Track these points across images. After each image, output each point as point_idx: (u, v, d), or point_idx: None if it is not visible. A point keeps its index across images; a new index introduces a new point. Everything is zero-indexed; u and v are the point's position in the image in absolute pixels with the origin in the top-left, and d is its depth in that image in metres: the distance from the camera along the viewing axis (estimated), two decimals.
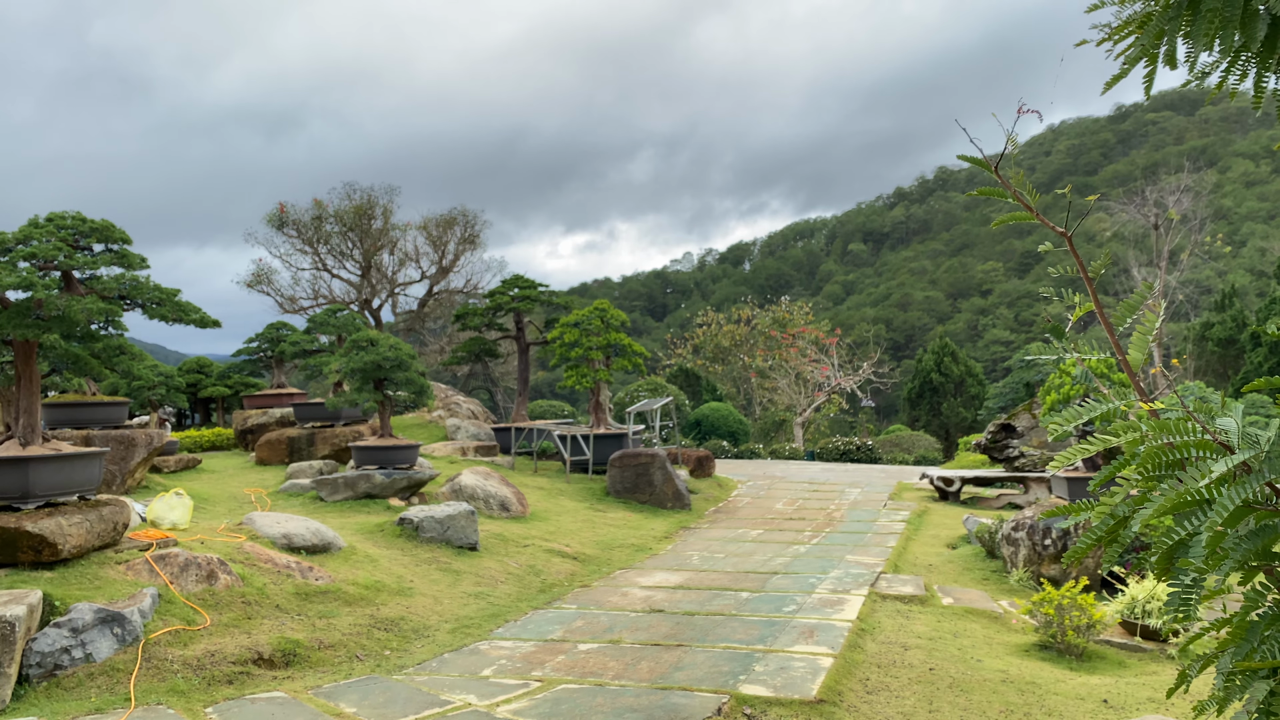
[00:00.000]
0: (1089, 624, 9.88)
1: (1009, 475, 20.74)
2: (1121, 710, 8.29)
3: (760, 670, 8.78)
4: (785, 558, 14.21)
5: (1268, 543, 1.56)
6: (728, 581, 12.47)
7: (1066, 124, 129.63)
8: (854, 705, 8.41)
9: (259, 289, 33.98)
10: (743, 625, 10.35)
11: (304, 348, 22.38)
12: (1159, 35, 2.54)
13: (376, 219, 33.69)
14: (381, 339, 15.67)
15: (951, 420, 42.47)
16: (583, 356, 20.66)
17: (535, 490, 18.81)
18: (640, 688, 8.09)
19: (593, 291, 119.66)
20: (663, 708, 7.55)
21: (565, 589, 12.11)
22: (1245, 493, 1.43)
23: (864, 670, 9.29)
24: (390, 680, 8.07)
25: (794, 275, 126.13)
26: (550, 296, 24.87)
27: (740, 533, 16.64)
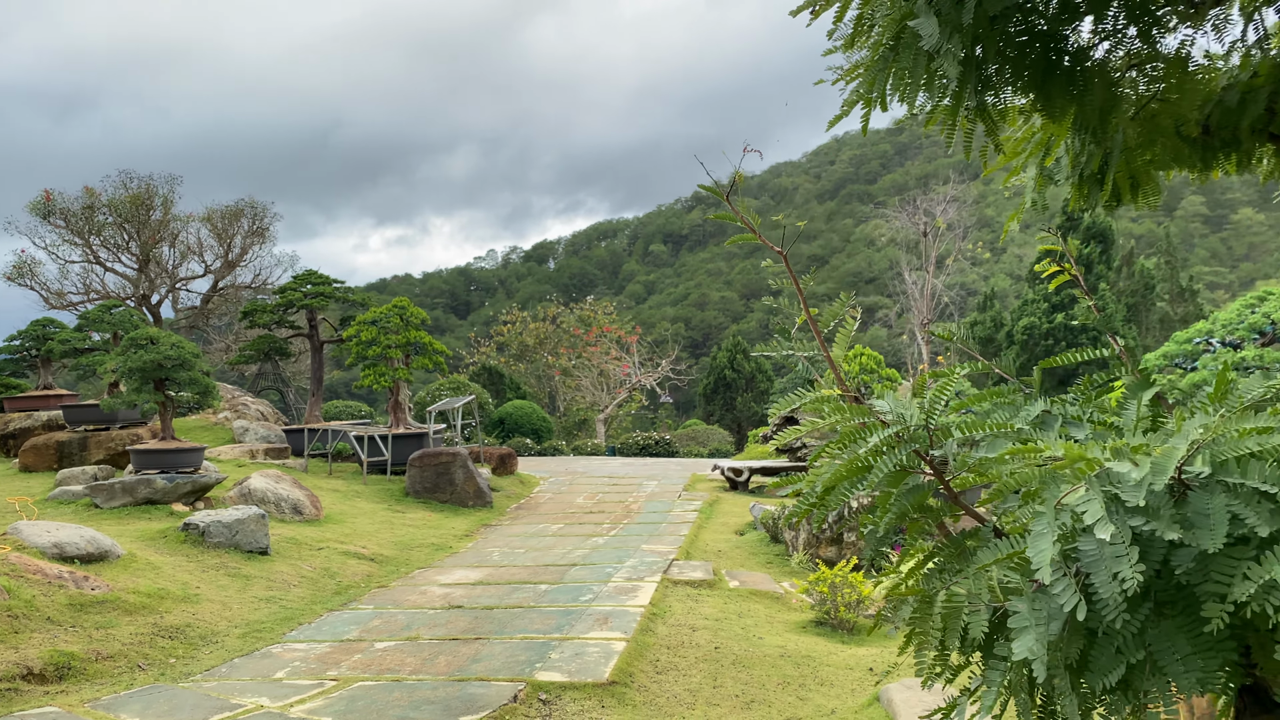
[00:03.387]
0: (858, 600, 10.79)
1: (792, 465, 22.04)
2: (884, 675, 9.12)
3: (556, 657, 9.10)
4: (584, 550, 14.61)
5: (919, 498, 2.00)
6: (527, 575, 12.74)
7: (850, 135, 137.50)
8: (644, 685, 8.88)
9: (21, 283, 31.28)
10: (541, 616, 10.64)
11: (75, 346, 20.90)
12: (871, 83, 3.02)
13: (156, 210, 31.73)
14: (162, 336, 14.94)
15: (744, 414, 44.41)
16: (380, 355, 20.36)
17: (330, 493, 18.41)
18: (438, 681, 8.24)
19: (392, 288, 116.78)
20: (460, 698, 7.73)
21: (362, 590, 12.03)
22: (896, 459, 1.85)
23: (655, 652, 9.79)
24: (176, 688, 7.85)
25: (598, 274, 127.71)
26: (346, 293, 24.29)
27: (541, 528, 16.93)
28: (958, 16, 2.61)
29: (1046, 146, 4.18)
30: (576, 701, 8.17)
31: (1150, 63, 3.56)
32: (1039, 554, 1.61)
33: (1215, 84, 4.27)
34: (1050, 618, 1.65)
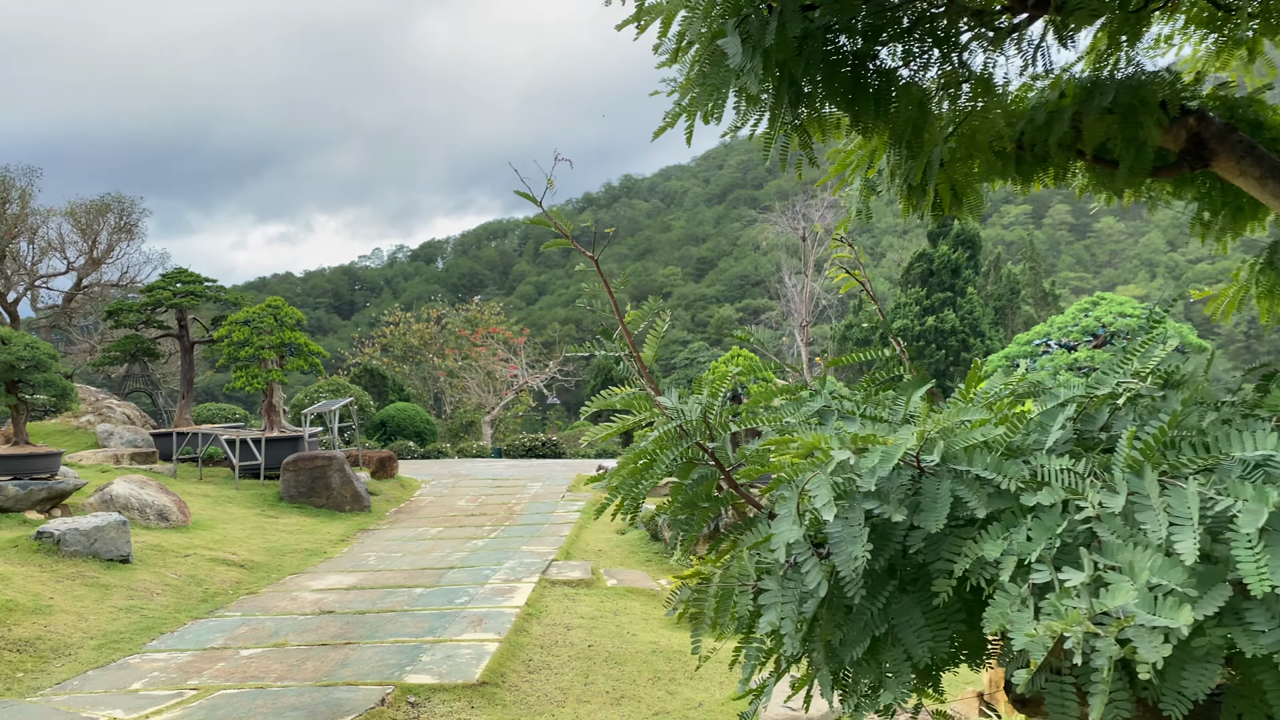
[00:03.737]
0: None
1: None
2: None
3: (427, 660, 9.07)
4: (463, 552, 14.54)
5: (706, 487, 2.16)
6: (403, 579, 12.62)
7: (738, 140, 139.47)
8: (515, 684, 8.94)
9: None
10: (414, 619, 10.58)
11: None
12: (694, 101, 3.18)
13: (12, 203, 30.10)
14: (15, 337, 14.24)
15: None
16: (253, 356, 19.81)
17: (200, 498, 17.83)
18: (304, 686, 8.12)
19: (272, 287, 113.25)
20: (325, 703, 7.65)
21: (230, 597, 11.72)
22: (678, 451, 2.00)
23: (528, 651, 9.85)
24: (23, 704, 7.54)
25: (488, 275, 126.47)
26: (218, 292, 23.53)
27: (420, 531, 16.76)
28: (762, 37, 2.79)
29: (870, 159, 4.43)
30: (446, 703, 8.17)
31: (962, 83, 3.82)
32: (778, 536, 1.76)
33: (1026, 104, 4.60)
34: (802, 597, 1.81)
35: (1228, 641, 1.48)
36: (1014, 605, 1.52)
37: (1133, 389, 1.91)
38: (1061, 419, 1.96)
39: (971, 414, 1.89)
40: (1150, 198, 5.61)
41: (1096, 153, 4.60)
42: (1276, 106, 5.13)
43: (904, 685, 1.77)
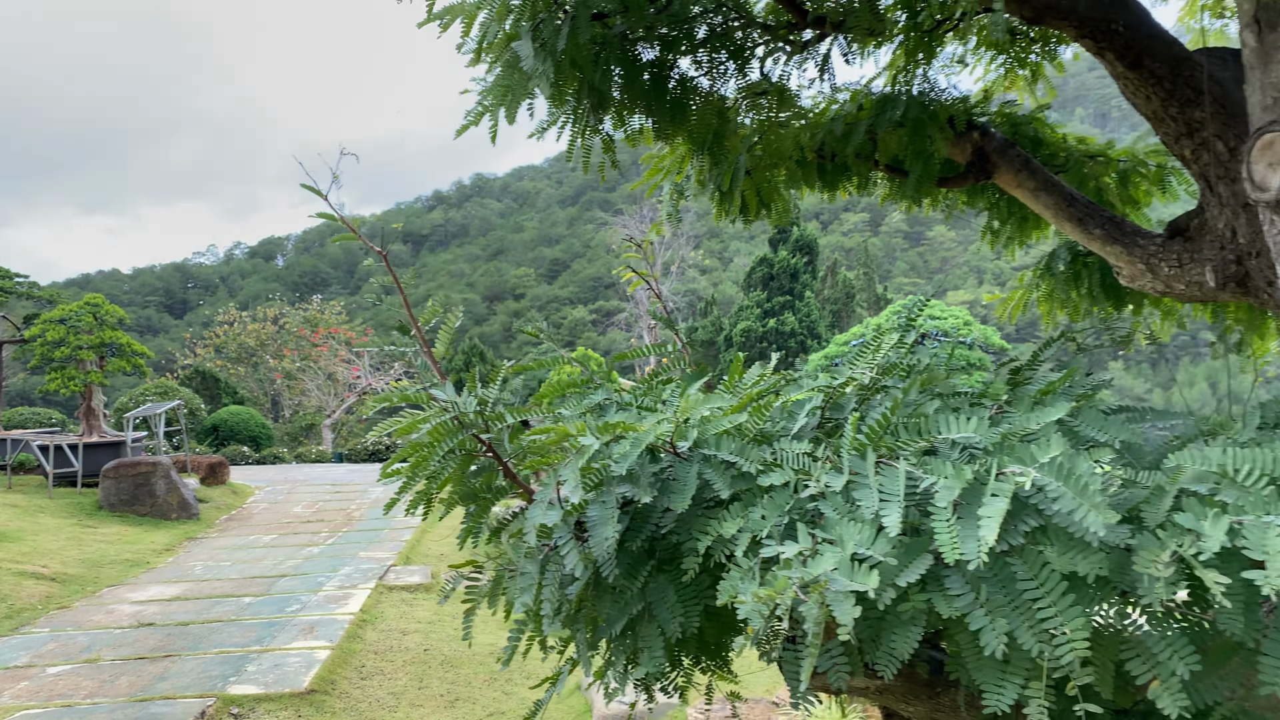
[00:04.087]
0: None
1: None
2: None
3: (253, 670, 8.79)
4: (297, 560, 14.11)
5: (488, 478, 2.23)
6: (231, 589, 12.16)
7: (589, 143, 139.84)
8: (346, 691, 8.76)
9: None
10: (241, 629, 10.22)
11: None
12: (496, 101, 3.23)
13: None
14: None
15: None
16: (69, 357, 18.63)
17: (8, 508, 16.65)
18: (117, 703, 7.74)
19: (96, 284, 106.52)
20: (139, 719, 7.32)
21: (38, 613, 11.02)
22: (453, 442, 2.06)
23: (361, 658, 9.67)
24: None
25: (332, 274, 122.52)
26: (30, 289, 22.00)
27: (252, 539, 16.16)
28: (555, 42, 2.87)
29: (680, 165, 4.59)
30: (271, 713, 7.94)
31: (760, 94, 4.01)
32: (529, 521, 1.86)
33: (827, 116, 4.86)
34: (564, 579, 1.90)
35: (929, 605, 1.65)
36: (744, 577, 1.65)
37: (863, 380, 2.08)
38: (809, 407, 2.12)
39: (719, 403, 2.02)
40: (947, 206, 6.00)
41: (892, 163, 4.90)
42: (1055, 125, 5.59)
43: (657, 659, 1.88)
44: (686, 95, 3.59)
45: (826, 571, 1.52)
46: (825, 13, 3.54)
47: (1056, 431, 1.92)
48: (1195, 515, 1.60)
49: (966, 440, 1.81)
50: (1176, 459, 1.73)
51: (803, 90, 4.19)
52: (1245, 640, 1.64)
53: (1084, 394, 2.17)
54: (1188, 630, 1.72)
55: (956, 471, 1.67)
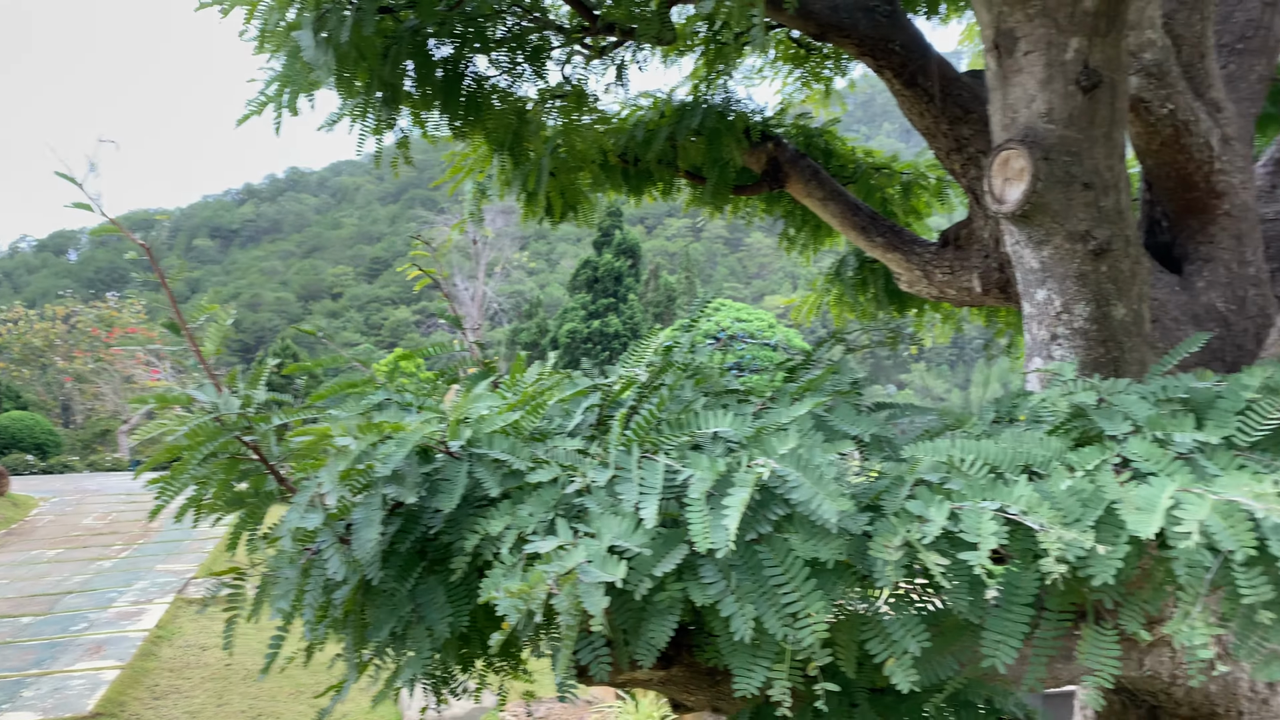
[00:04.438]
0: None
1: None
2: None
3: (30, 695, 8.14)
4: (86, 575, 13.16)
5: (256, 482, 2.17)
6: (8, 609, 11.22)
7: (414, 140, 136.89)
8: (137, 714, 8.24)
9: None
10: (17, 652, 9.44)
11: None
12: (279, 90, 3.13)
13: None
14: None
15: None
16: None
17: None
18: None
19: None
20: None
21: None
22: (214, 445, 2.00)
23: (155, 676, 9.12)
24: None
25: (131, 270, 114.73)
26: None
27: (34, 554, 14.95)
28: (338, 34, 2.81)
29: (482, 163, 4.58)
30: None
31: (556, 97, 4.04)
32: (285, 524, 1.82)
33: (630, 121, 4.96)
34: (328, 584, 1.87)
35: (684, 594, 1.71)
36: (506, 574, 1.66)
37: (641, 378, 2.15)
38: (585, 405, 2.16)
39: (495, 401, 2.04)
40: (748, 214, 6.22)
41: (692, 170, 5.04)
42: (846, 139, 5.90)
43: (425, 661, 1.87)
44: (484, 94, 3.58)
45: (579, 564, 1.56)
46: (615, 19, 3.61)
47: (812, 425, 2.03)
48: (924, 502, 1.73)
49: (727, 435, 1.89)
50: (911, 450, 1.87)
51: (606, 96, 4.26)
52: (971, 618, 1.78)
53: (843, 390, 2.31)
54: (924, 610, 1.86)
55: (711, 464, 1.75)
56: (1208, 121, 3.81)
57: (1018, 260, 2.64)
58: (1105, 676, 1.76)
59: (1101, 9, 2.37)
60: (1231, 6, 4.26)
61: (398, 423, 1.86)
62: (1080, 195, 2.44)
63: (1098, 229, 2.45)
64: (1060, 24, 2.38)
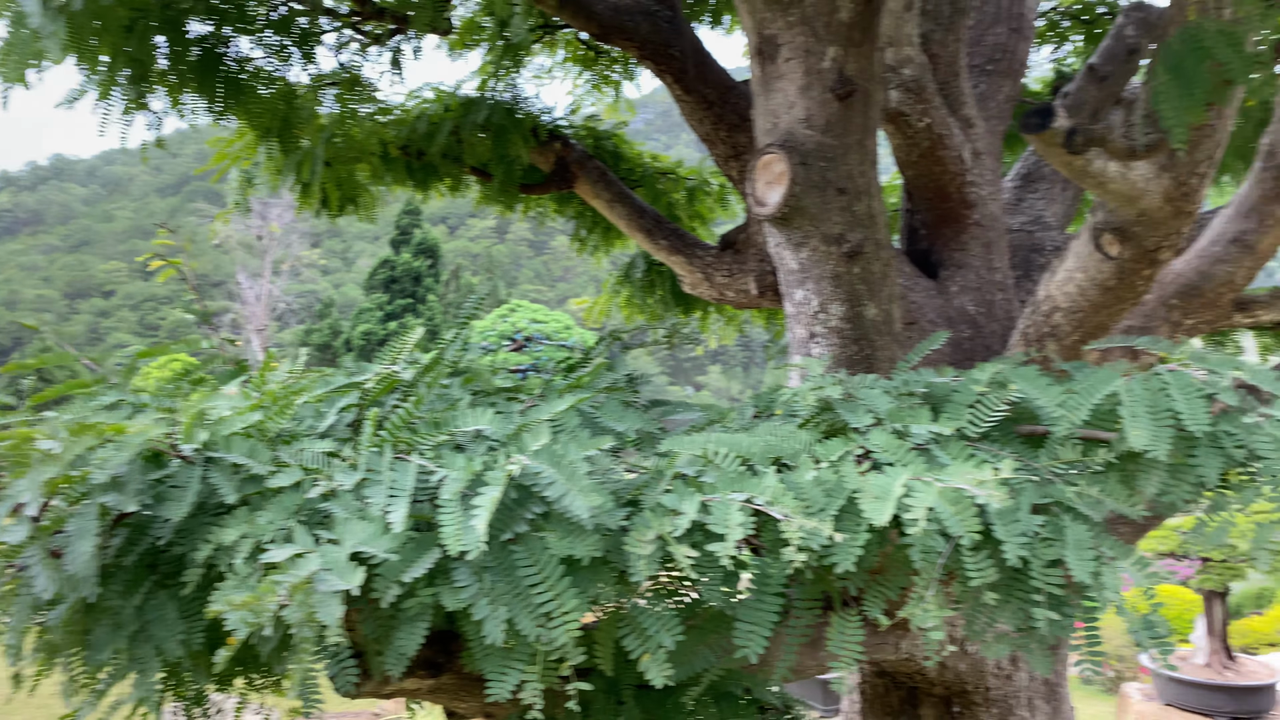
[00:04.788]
0: None
1: None
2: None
3: None
4: None
5: None
6: None
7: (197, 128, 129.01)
8: None
9: None
10: None
11: None
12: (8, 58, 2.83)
13: None
14: None
15: None
16: None
17: None
18: None
19: None
20: None
21: None
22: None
23: None
24: None
25: None
26: None
27: None
28: (68, 2, 2.57)
29: (249, 150, 4.33)
30: None
31: (329, 83, 3.87)
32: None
33: (414, 114, 4.82)
34: (36, 604, 1.69)
35: (435, 600, 1.65)
36: (239, 586, 1.55)
37: (391, 376, 2.06)
38: (340, 405, 2.06)
39: (232, 401, 1.91)
40: (539, 214, 6.19)
41: (478, 166, 4.96)
42: (635, 142, 5.97)
43: (151, 682, 1.72)
44: (246, 77, 3.37)
45: (315, 572, 1.47)
46: (387, 5, 3.49)
47: (578, 422, 2.01)
48: (679, 495, 1.74)
49: (488, 433, 1.85)
50: (668, 445, 1.88)
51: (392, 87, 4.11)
52: (725, 609, 1.81)
53: (613, 387, 2.31)
54: (681, 604, 1.88)
55: (467, 464, 1.69)
56: (961, 136, 4.09)
57: (779, 261, 2.74)
58: (850, 661, 1.82)
59: (855, 20, 2.48)
60: (982, 30, 4.60)
61: (118, 424, 1.70)
62: (835, 200, 2.56)
63: (851, 232, 2.57)
64: (818, 33, 2.48)
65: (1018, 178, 4.90)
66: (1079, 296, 3.41)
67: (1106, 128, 2.78)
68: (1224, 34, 2.16)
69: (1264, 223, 3.71)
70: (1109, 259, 3.22)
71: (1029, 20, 4.63)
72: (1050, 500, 1.84)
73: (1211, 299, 3.87)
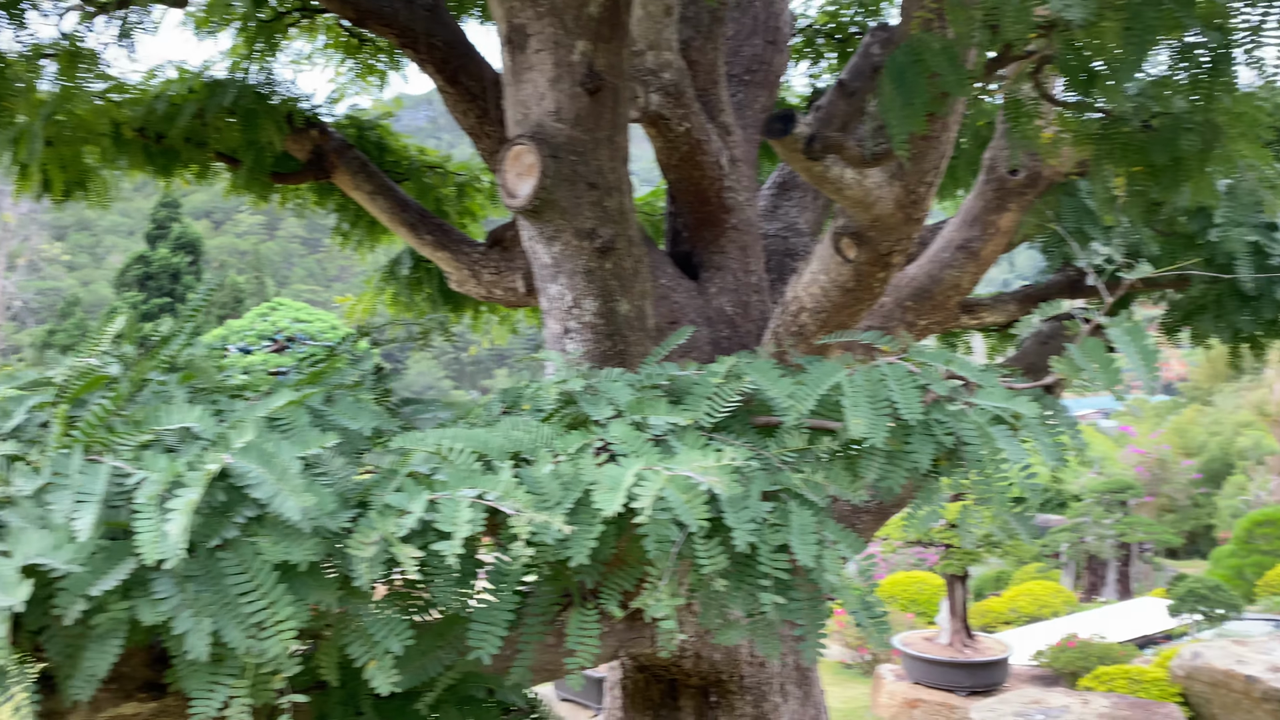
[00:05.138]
0: None
1: None
2: None
3: None
4: None
5: None
6: None
7: None
8: None
9: None
10: None
11: None
12: None
13: None
14: None
15: None
16: None
17: None
18: None
19: None
20: None
21: None
22: None
23: None
24: None
25: None
26: None
27: None
28: None
29: None
30: None
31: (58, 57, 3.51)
32: None
33: (151, 93, 4.46)
34: None
35: (130, 614, 1.50)
36: None
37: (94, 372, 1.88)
38: (29, 404, 1.85)
39: None
40: (299, 205, 5.89)
41: (226, 152, 4.65)
42: (401, 135, 5.79)
43: None
44: None
45: None
46: None
47: (307, 419, 1.90)
48: (409, 494, 1.67)
49: (198, 431, 1.70)
50: (401, 442, 1.81)
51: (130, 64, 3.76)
52: (459, 610, 1.75)
53: (349, 384, 2.20)
54: (414, 607, 1.80)
55: (170, 464, 1.55)
56: (719, 142, 4.21)
57: (533, 256, 2.71)
58: (587, 657, 1.81)
59: (604, 15, 2.49)
60: (740, 41, 4.76)
61: None
62: (587, 194, 2.56)
63: (603, 228, 2.58)
64: (567, 25, 2.47)
65: (774, 186, 5.11)
66: (822, 297, 3.59)
67: (843, 135, 2.94)
68: (943, 49, 2.32)
69: (986, 231, 4.04)
70: (848, 262, 3.41)
71: (784, 34, 4.84)
72: (779, 487, 1.90)
73: (941, 301, 4.18)
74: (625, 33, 2.59)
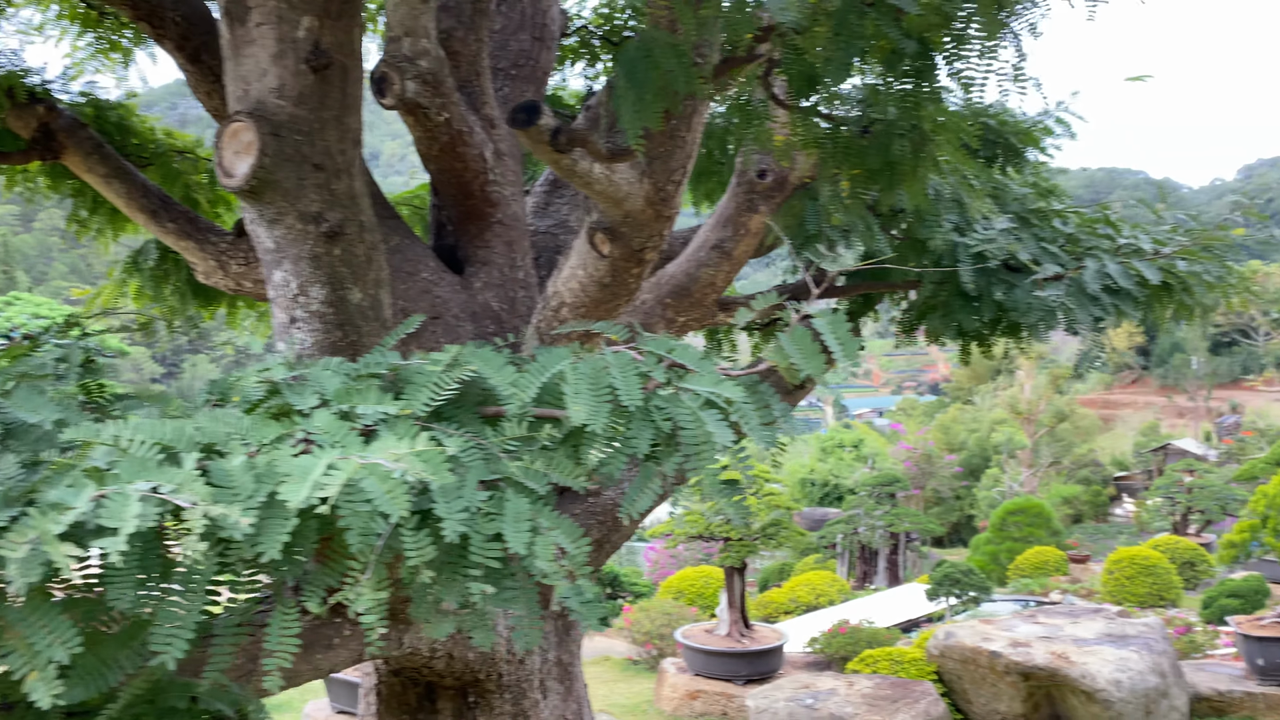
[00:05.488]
0: None
1: None
2: None
3: None
4: None
5: None
6: None
7: None
8: None
9: None
10: None
11: None
12: None
13: None
14: None
15: None
16: None
17: None
18: None
19: None
20: None
21: None
22: None
23: None
24: None
25: None
26: None
27: None
28: None
29: None
30: None
31: None
32: None
33: None
34: None
35: None
36: None
37: None
38: None
39: None
40: (30, 189, 5.39)
41: None
42: (147, 117, 5.39)
43: None
44: None
45: None
46: None
47: None
48: (77, 489, 1.53)
49: None
50: (73, 434, 1.66)
51: None
52: (141, 613, 1.63)
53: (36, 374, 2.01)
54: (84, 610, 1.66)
55: None
56: (483, 135, 4.15)
57: (256, 240, 2.57)
58: (285, 657, 1.72)
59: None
60: (507, 36, 4.73)
61: None
62: (312, 176, 2.45)
63: (330, 211, 2.47)
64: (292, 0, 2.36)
65: (546, 183, 5.11)
66: (581, 292, 3.61)
67: (589, 130, 2.95)
68: (671, 45, 2.36)
69: (738, 232, 4.19)
70: (603, 257, 3.44)
71: (552, 30, 4.84)
72: (499, 476, 1.88)
73: (698, 299, 4.30)
74: (357, 10, 2.50)
